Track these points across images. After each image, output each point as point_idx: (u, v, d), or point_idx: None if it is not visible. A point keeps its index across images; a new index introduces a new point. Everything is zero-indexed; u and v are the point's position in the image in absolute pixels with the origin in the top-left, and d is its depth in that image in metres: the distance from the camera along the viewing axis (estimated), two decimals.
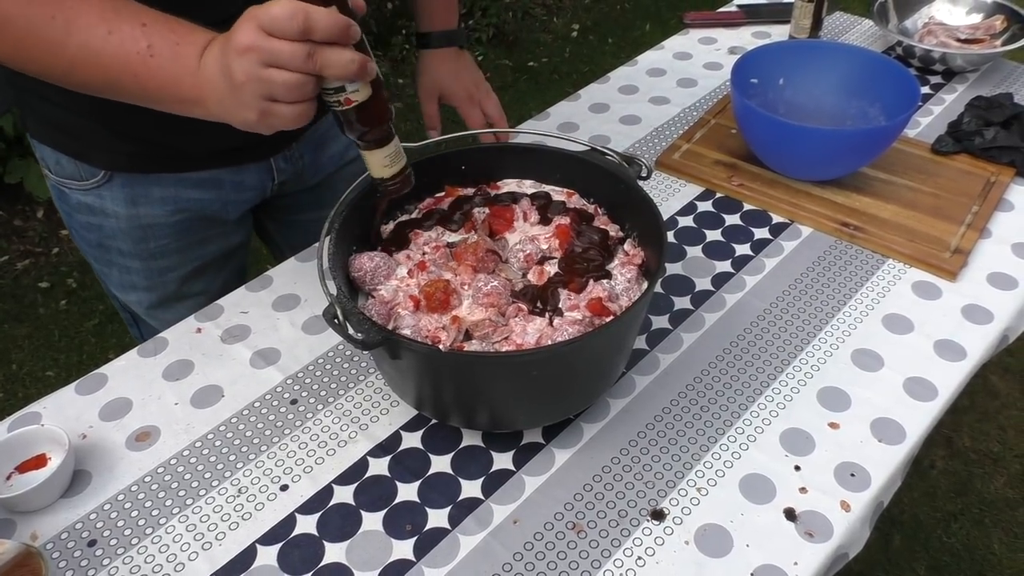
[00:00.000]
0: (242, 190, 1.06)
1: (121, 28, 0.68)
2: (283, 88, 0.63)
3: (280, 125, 0.67)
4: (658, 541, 0.75)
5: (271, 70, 0.62)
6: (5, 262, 2.51)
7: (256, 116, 0.66)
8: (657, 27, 3.62)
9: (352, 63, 0.63)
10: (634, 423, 0.85)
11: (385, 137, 0.73)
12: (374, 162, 0.74)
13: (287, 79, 0.63)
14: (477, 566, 0.73)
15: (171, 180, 1.00)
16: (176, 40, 0.68)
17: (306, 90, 0.64)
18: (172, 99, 0.70)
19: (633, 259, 0.83)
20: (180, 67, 0.68)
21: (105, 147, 0.96)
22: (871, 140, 1.08)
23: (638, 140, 1.27)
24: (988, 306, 0.97)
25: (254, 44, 0.62)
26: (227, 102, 0.66)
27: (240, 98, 0.65)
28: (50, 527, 0.77)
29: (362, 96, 0.67)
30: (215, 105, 0.68)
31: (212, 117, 0.69)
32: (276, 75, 0.62)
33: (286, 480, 0.80)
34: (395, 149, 0.75)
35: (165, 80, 0.69)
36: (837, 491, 0.79)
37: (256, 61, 0.62)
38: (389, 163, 0.75)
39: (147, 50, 0.68)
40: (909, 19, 1.48)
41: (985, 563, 1.67)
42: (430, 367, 0.74)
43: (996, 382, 2.04)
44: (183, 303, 1.09)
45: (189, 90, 0.68)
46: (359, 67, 0.64)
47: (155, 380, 0.91)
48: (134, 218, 1.02)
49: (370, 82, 0.67)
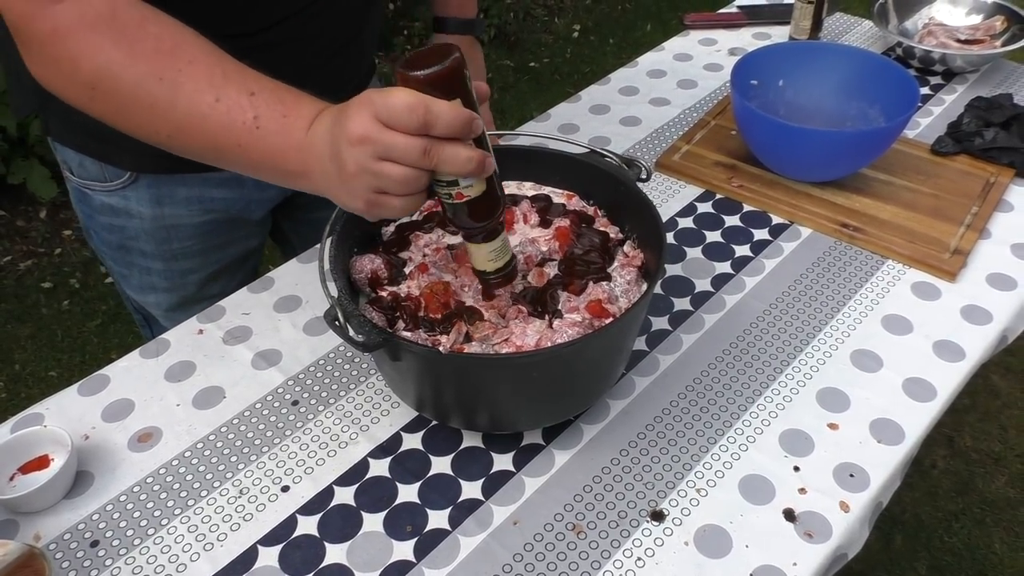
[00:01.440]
0: (265, 188, 1.07)
1: (229, 96, 0.67)
2: (394, 183, 0.61)
3: (387, 215, 0.66)
4: (658, 542, 0.75)
5: (384, 163, 0.60)
6: (8, 262, 2.51)
7: (364, 206, 0.64)
8: (658, 28, 3.62)
9: (470, 161, 0.61)
10: (634, 424, 0.85)
11: (493, 232, 0.72)
12: (479, 255, 0.74)
13: (399, 174, 0.61)
14: (477, 567, 0.73)
15: (196, 180, 1.01)
16: (284, 112, 0.67)
17: (419, 184, 0.62)
18: (276, 171, 0.69)
19: (633, 261, 0.83)
20: (286, 140, 0.66)
21: (131, 149, 0.96)
22: (870, 141, 1.08)
23: (638, 141, 1.28)
24: (987, 307, 0.98)
25: (368, 136, 0.59)
26: (334, 186, 0.65)
27: (349, 187, 0.63)
28: (53, 528, 0.77)
29: (475, 192, 0.65)
30: (321, 183, 0.67)
31: (317, 192, 0.68)
32: (389, 169, 0.60)
33: (287, 481, 0.81)
34: (502, 244, 0.73)
35: (270, 152, 0.67)
36: (836, 492, 0.79)
37: (369, 153, 0.60)
38: (494, 258, 0.74)
39: (253, 121, 0.66)
40: (909, 20, 1.48)
41: (986, 563, 1.68)
42: (430, 369, 0.75)
43: (997, 382, 2.04)
44: (200, 305, 1.09)
45: (294, 164, 0.67)
46: (477, 165, 0.62)
47: (157, 381, 0.91)
48: (159, 219, 1.02)
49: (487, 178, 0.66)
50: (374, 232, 0.90)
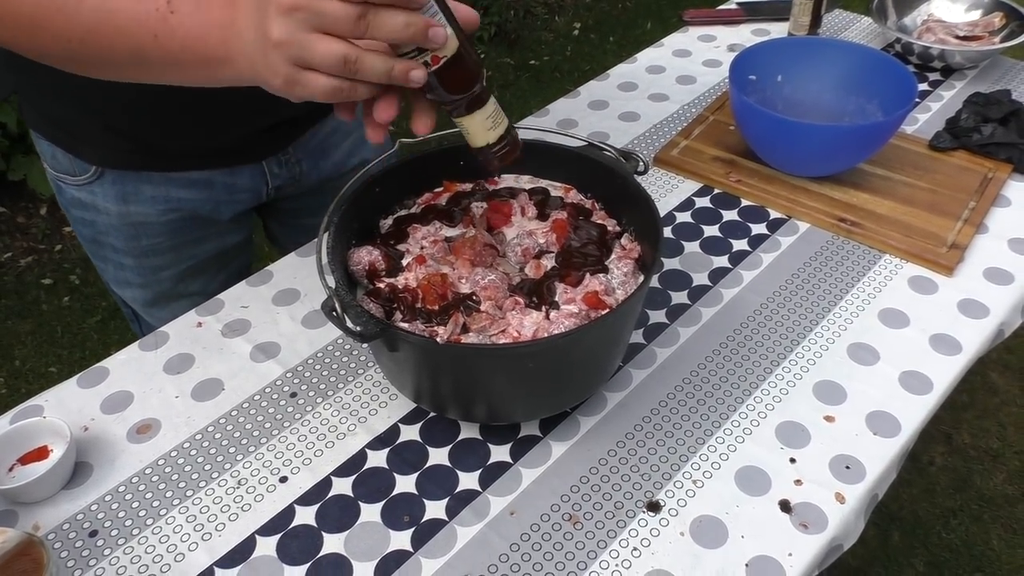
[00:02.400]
0: (234, 191, 1.06)
1: None
2: (323, 58, 0.57)
3: (310, 96, 0.60)
4: (654, 532, 0.75)
5: (314, 35, 0.56)
6: (8, 259, 2.52)
7: (283, 82, 0.60)
8: (658, 25, 3.62)
9: (409, 27, 0.57)
10: (631, 416, 0.86)
11: (481, 97, 0.67)
12: (475, 128, 0.68)
13: (330, 48, 0.56)
14: (474, 557, 0.74)
15: (161, 179, 1.00)
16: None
17: (349, 65, 0.57)
18: (198, 62, 0.64)
19: (630, 253, 0.84)
20: (204, 22, 0.62)
21: (96, 142, 0.96)
22: (868, 136, 1.08)
23: (637, 136, 1.28)
24: (984, 301, 0.98)
25: (300, 2, 0.55)
26: (257, 64, 0.60)
27: (270, 60, 0.58)
28: (52, 518, 0.78)
29: (446, 52, 0.61)
30: (244, 64, 0.61)
31: (241, 80, 0.63)
32: (318, 42, 0.56)
33: (285, 472, 0.81)
34: (494, 108, 0.68)
35: (187, 38, 0.62)
36: (832, 483, 0.79)
37: (299, 21, 0.56)
38: (491, 124, 0.69)
39: (167, 5, 0.62)
40: (908, 16, 1.48)
41: (984, 559, 1.68)
42: (427, 359, 0.75)
43: (996, 379, 2.04)
44: (179, 302, 1.08)
45: (217, 48, 0.62)
46: (417, 31, 0.57)
47: (156, 373, 0.92)
48: (125, 215, 1.02)
49: (456, 41, 0.61)
50: (372, 224, 0.90)
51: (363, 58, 0.58)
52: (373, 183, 0.87)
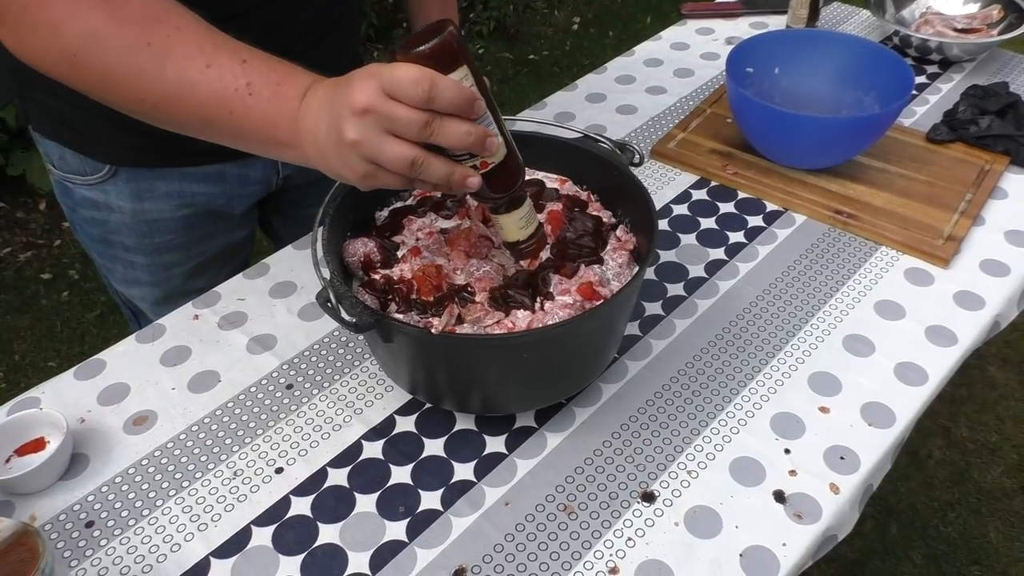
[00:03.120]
0: (247, 184, 1.07)
1: (220, 62, 0.65)
2: (392, 160, 0.61)
3: (380, 187, 0.65)
4: (648, 522, 0.76)
5: (385, 137, 0.60)
6: (8, 254, 2.52)
7: (358, 177, 0.64)
8: (658, 20, 3.61)
9: (468, 136, 0.62)
10: (626, 408, 0.86)
11: (518, 200, 0.73)
12: (508, 225, 0.74)
13: (399, 151, 0.61)
14: (469, 547, 0.74)
15: (176, 175, 1.01)
16: (277, 80, 0.65)
17: (415, 168, 0.62)
18: (266, 141, 0.68)
19: (625, 245, 0.84)
20: (279, 109, 0.65)
21: (109, 141, 0.96)
22: (865, 128, 1.08)
23: (634, 129, 1.28)
24: (980, 292, 0.98)
25: (373, 106, 0.59)
26: (329, 156, 0.64)
27: (344, 157, 0.63)
28: (48, 509, 0.78)
29: (496, 159, 0.66)
30: (313, 153, 0.66)
31: (306, 163, 0.67)
32: (389, 145, 0.61)
33: (281, 463, 0.81)
34: (528, 211, 0.74)
35: (262, 121, 0.66)
36: (827, 474, 0.79)
37: (371, 124, 0.60)
38: (524, 224, 0.75)
39: (246, 88, 0.65)
40: (906, 9, 1.48)
41: (981, 552, 1.68)
42: (422, 350, 0.75)
43: (994, 373, 2.05)
44: (187, 299, 1.09)
45: (286, 134, 0.66)
46: (476, 140, 0.62)
47: (153, 365, 0.92)
48: (139, 213, 1.02)
49: (505, 148, 0.67)
50: (367, 216, 0.90)
51: (428, 163, 0.62)
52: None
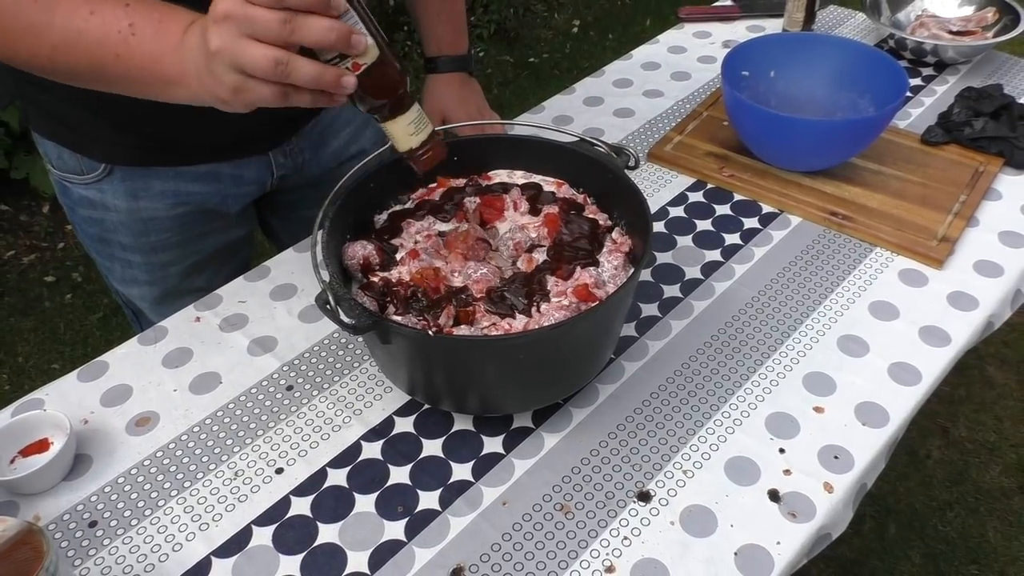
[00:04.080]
0: (241, 184, 1.08)
1: (103, 8, 0.68)
2: (255, 62, 0.61)
3: (256, 102, 0.64)
4: (644, 522, 0.77)
5: (245, 40, 0.61)
6: (11, 257, 2.53)
7: (229, 91, 0.64)
8: (657, 23, 3.62)
9: (331, 32, 0.61)
10: (622, 408, 0.87)
11: (403, 102, 0.70)
12: (398, 133, 0.72)
13: (260, 52, 0.61)
14: (466, 546, 0.75)
15: (170, 174, 1.02)
16: (159, 18, 0.68)
17: (281, 69, 0.61)
18: (154, 79, 0.69)
19: (620, 247, 0.85)
20: (162, 44, 0.67)
21: (105, 140, 0.98)
22: (859, 131, 1.09)
23: (631, 132, 1.29)
24: (974, 293, 0.99)
25: (231, 11, 0.60)
26: (204, 77, 0.65)
27: (213, 71, 0.63)
28: (52, 509, 0.79)
29: (367, 59, 0.65)
30: (195, 81, 0.66)
31: (193, 98, 0.68)
32: (249, 46, 0.61)
33: (281, 464, 0.82)
34: (417, 115, 0.72)
35: (146, 59, 0.68)
36: (821, 473, 0.80)
37: (231, 28, 0.61)
38: (414, 131, 0.72)
39: (129, 28, 0.67)
40: (902, 12, 1.49)
41: (979, 551, 1.69)
42: (420, 351, 0.76)
43: (993, 373, 2.05)
44: (185, 298, 1.10)
45: (170, 68, 0.67)
46: (338, 36, 0.61)
47: (155, 367, 0.93)
48: (134, 211, 1.03)
49: (377, 49, 0.65)
50: (366, 219, 0.91)
51: (293, 62, 0.61)
52: (368, 179, 0.88)
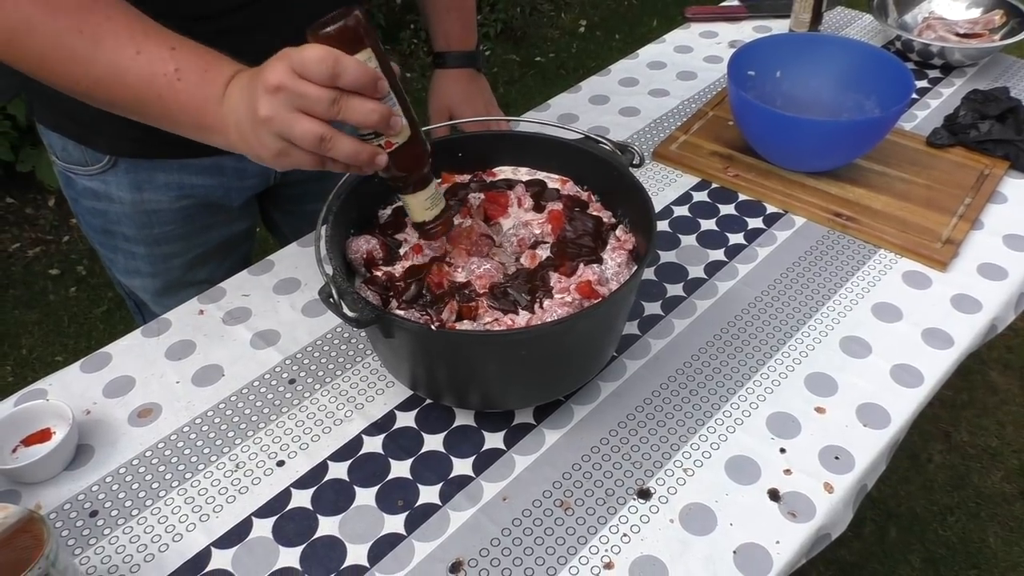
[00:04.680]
0: (245, 177, 1.08)
1: (150, 49, 0.69)
2: (302, 135, 0.64)
3: (294, 166, 0.68)
4: (643, 519, 0.77)
5: (295, 114, 0.64)
6: (17, 249, 2.54)
7: (272, 155, 0.67)
8: (664, 23, 3.62)
9: (373, 113, 0.65)
10: (624, 406, 0.87)
11: (423, 181, 0.76)
12: (415, 206, 0.78)
13: (308, 127, 0.64)
14: (466, 540, 0.75)
15: (175, 166, 1.02)
16: (204, 67, 0.70)
17: (324, 144, 0.65)
18: (193, 125, 0.72)
19: (624, 244, 0.85)
20: (205, 94, 0.69)
21: (109, 132, 0.98)
22: (864, 132, 1.09)
23: (637, 131, 1.29)
24: (978, 296, 0.99)
25: (283, 83, 0.63)
26: (247, 135, 0.68)
27: (259, 134, 0.66)
28: (54, 498, 0.79)
29: (400, 139, 0.70)
30: (235, 136, 0.69)
31: (228, 147, 0.71)
32: (299, 121, 0.64)
33: (283, 456, 0.83)
34: (434, 192, 0.78)
35: (189, 105, 0.70)
36: (821, 473, 0.80)
37: (282, 100, 0.64)
38: (430, 206, 0.78)
39: (174, 73, 0.69)
40: (909, 14, 1.48)
41: (980, 556, 1.69)
42: (421, 346, 0.76)
43: (996, 378, 2.05)
44: (187, 291, 1.10)
45: (211, 118, 0.70)
46: (379, 118, 0.66)
47: (158, 359, 0.93)
48: (138, 203, 1.04)
49: (410, 130, 0.71)
50: (370, 214, 0.91)
51: (336, 139, 0.66)
52: (373, 174, 0.88)
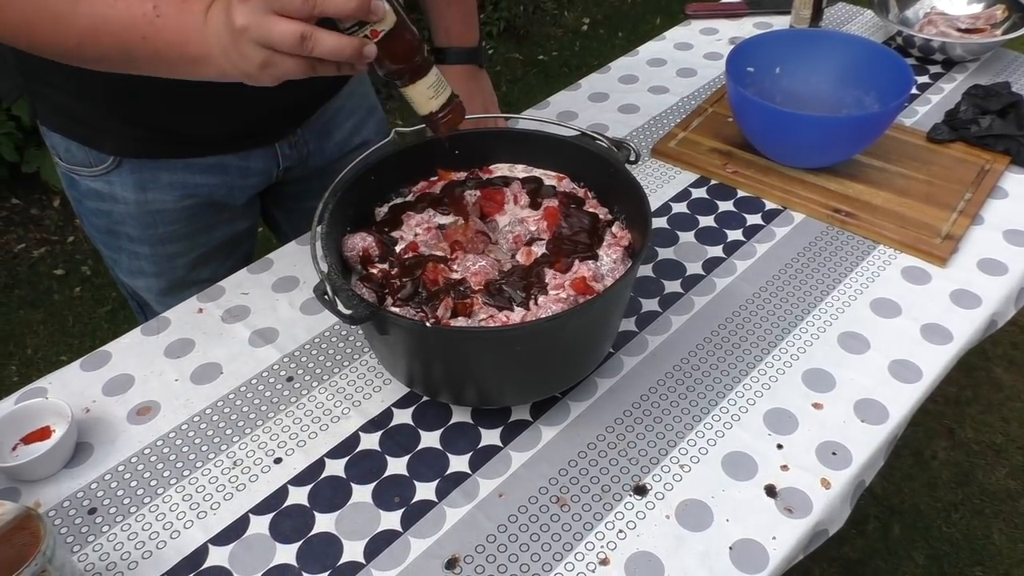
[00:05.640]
0: (248, 175, 1.09)
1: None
2: (281, 37, 0.63)
3: (283, 75, 0.67)
4: (640, 515, 0.77)
5: (270, 16, 0.63)
6: (22, 250, 2.56)
7: (257, 67, 0.66)
8: (667, 21, 3.61)
9: (350, 0, 0.63)
10: (620, 402, 0.87)
11: (422, 67, 0.73)
12: (418, 97, 0.74)
13: (286, 28, 0.63)
14: (462, 536, 0.75)
15: (179, 166, 1.03)
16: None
17: (306, 43, 0.64)
18: (180, 59, 0.71)
19: (620, 241, 0.85)
20: (186, 24, 0.69)
21: (113, 133, 0.99)
22: (863, 127, 1.09)
23: (636, 128, 1.29)
24: (977, 291, 0.98)
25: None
26: (230, 54, 0.67)
27: (240, 48, 0.65)
28: (53, 495, 0.80)
29: (385, 26, 0.67)
30: (221, 58, 0.68)
31: (220, 75, 0.70)
32: (277, 23, 0.63)
33: (280, 453, 0.83)
34: (436, 78, 0.74)
35: (172, 39, 0.70)
36: (818, 469, 0.80)
37: (256, 6, 0.63)
38: (434, 94, 0.74)
39: (153, 11, 0.69)
40: (910, 9, 1.48)
41: (984, 553, 1.68)
42: (417, 343, 0.76)
43: (1000, 374, 2.04)
44: (190, 290, 1.11)
45: (196, 47, 0.69)
46: (359, 4, 0.64)
47: (157, 357, 0.94)
48: (143, 203, 1.04)
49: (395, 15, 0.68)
50: (367, 212, 0.91)
51: (317, 35, 0.64)
52: (369, 171, 0.89)
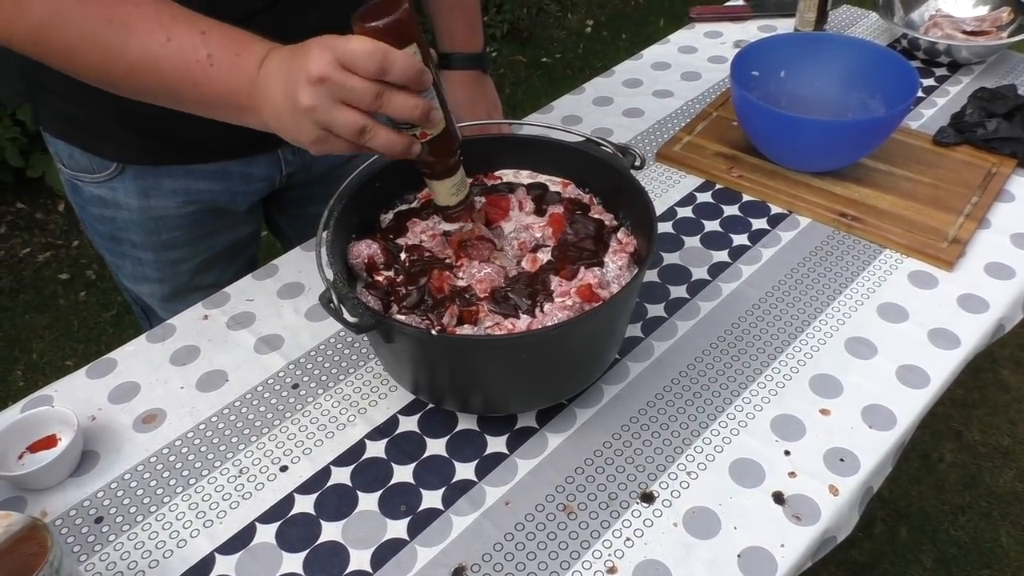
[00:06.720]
0: (251, 181, 1.09)
1: (180, 35, 0.69)
2: (344, 127, 0.65)
3: (332, 152, 0.68)
4: (647, 523, 0.76)
5: (337, 105, 0.64)
6: (27, 254, 2.56)
7: (310, 142, 0.67)
8: (671, 23, 3.61)
9: (416, 108, 0.65)
10: (626, 409, 0.86)
11: (453, 168, 0.78)
12: (442, 191, 0.79)
13: (350, 119, 0.64)
14: (469, 545, 0.75)
15: (181, 172, 1.03)
16: (236, 51, 0.70)
17: (364, 136, 0.65)
18: (229, 108, 0.72)
19: (626, 247, 0.84)
20: (239, 78, 0.69)
21: (116, 139, 0.99)
22: (869, 131, 1.09)
23: (640, 132, 1.28)
24: (984, 295, 0.98)
25: (327, 75, 0.62)
26: (285, 121, 0.68)
27: (299, 123, 0.66)
28: (59, 504, 0.80)
29: (435, 131, 0.71)
30: (271, 118, 0.69)
31: (264, 127, 0.71)
32: (341, 113, 0.64)
33: (286, 461, 0.83)
34: (461, 179, 0.79)
35: (224, 89, 0.70)
36: (826, 475, 0.80)
37: (326, 93, 0.63)
38: (455, 192, 0.80)
39: (207, 59, 0.69)
40: (915, 11, 1.47)
41: (992, 556, 1.67)
42: (422, 351, 0.76)
43: (1007, 376, 2.03)
44: (194, 295, 1.11)
45: (246, 100, 0.70)
46: (422, 113, 0.66)
47: (162, 365, 0.93)
48: (146, 210, 1.04)
49: (444, 122, 0.72)
50: (372, 219, 0.91)
51: (376, 130, 0.66)
52: (374, 178, 0.89)
